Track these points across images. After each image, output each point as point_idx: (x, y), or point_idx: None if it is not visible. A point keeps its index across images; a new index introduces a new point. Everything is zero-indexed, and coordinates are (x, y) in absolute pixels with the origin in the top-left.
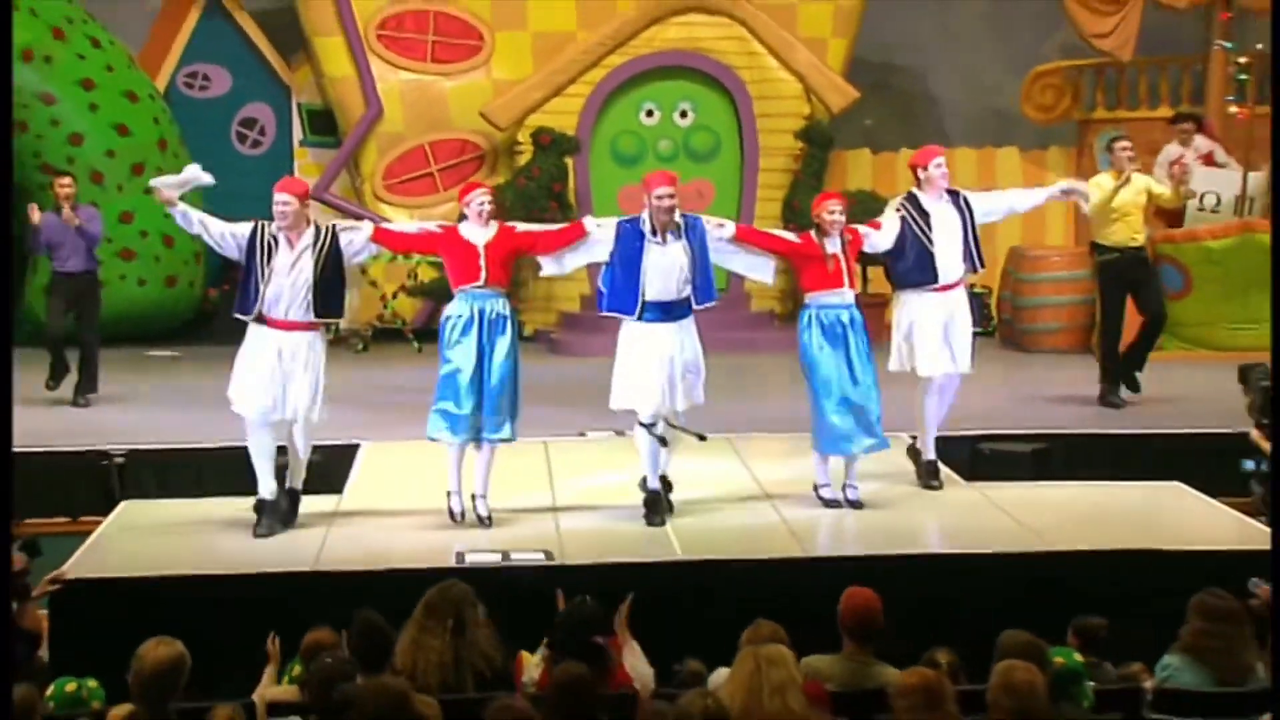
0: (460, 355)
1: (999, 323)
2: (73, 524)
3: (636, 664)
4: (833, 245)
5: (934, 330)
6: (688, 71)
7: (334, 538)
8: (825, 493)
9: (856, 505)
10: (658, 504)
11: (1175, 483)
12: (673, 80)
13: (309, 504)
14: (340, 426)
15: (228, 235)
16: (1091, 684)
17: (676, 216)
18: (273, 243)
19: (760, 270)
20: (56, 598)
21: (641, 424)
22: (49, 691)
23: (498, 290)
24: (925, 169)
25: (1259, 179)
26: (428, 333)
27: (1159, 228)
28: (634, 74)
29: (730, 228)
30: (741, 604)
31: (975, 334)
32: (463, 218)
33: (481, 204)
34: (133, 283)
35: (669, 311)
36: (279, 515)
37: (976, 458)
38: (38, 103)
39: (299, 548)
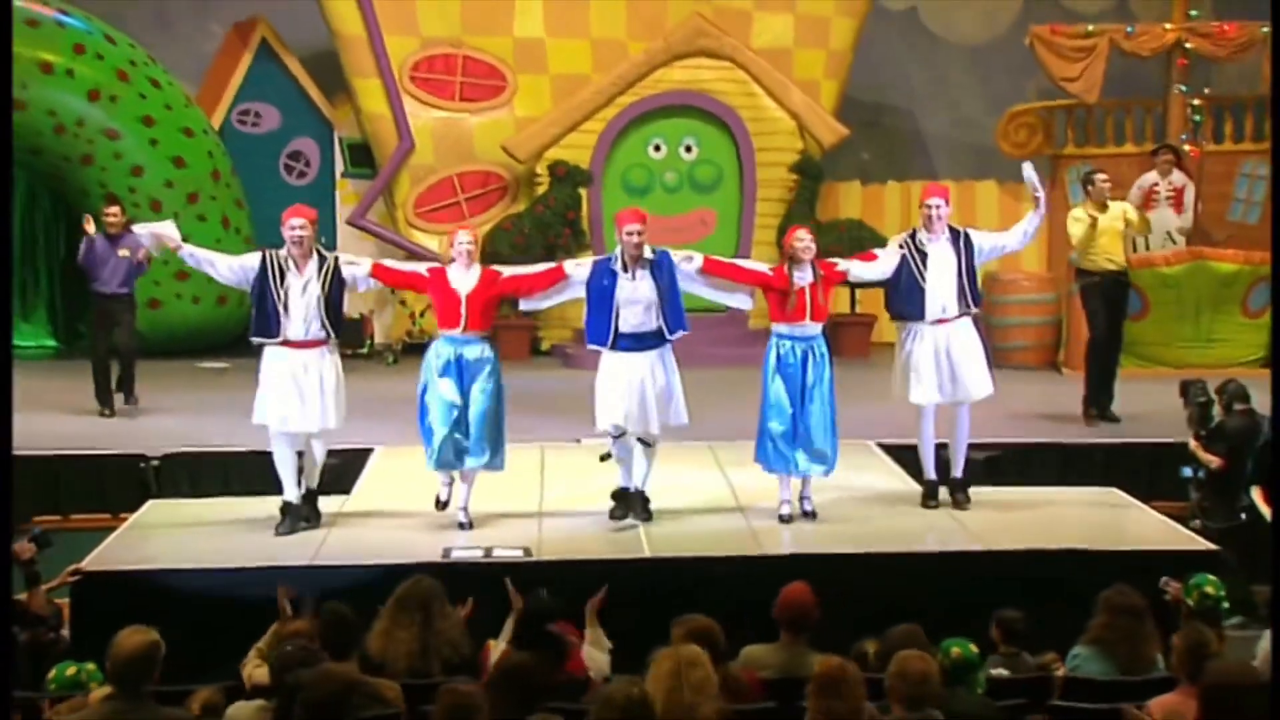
0: (440, 393)
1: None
2: (111, 520)
3: (594, 652)
4: (801, 278)
5: (927, 362)
6: (692, 110)
7: (335, 536)
8: (783, 509)
9: (811, 516)
10: (624, 500)
11: (1112, 488)
12: (678, 118)
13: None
14: (362, 431)
15: (235, 267)
16: (1005, 672)
17: (646, 252)
18: (283, 268)
19: (736, 299)
20: (76, 588)
21: (613, 439)
22: (51, 674)
23: (478, 335)
24: (922, 207)
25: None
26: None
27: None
28: (643, 112)
29: (698, 260)
30: (701, 597)
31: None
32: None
33: (462, 246)
34: (187, 301)
35: (641, 341)
36: (300, 516)
37: (935, 464)
38: (103, 138)
39: (301, 544)
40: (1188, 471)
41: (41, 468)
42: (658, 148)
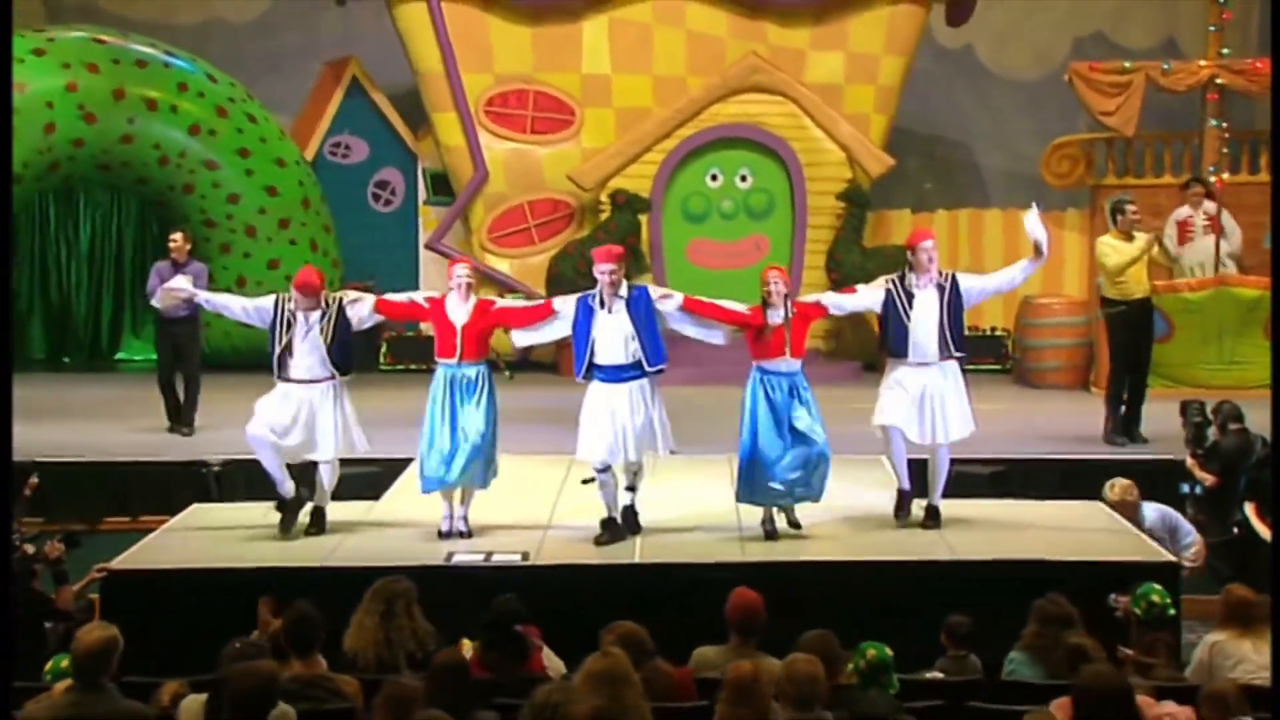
0: (437, 420)
1: (1013, 362)
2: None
3: (553, 656)
4: (775, 317)
5: (902, 393)
6: (747, 142)
7: (350, 541)
8: (767, 526)
9: (795, 525)
10: (609, 528)
11: (1095, 502)
12: (734, 149)
13: (347, 508)
14: (407, 441)
15: (250, 309)
16: (940, 675)
17: (621, 290)
18: (291, 317)
19: (713, 336)
20: (104, 585)
21: (597, 471)
22: (48, 666)
23: (473, 363)
24: (913, 252)
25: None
26: (522, 364)
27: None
28: (701, 144)
29: (677, 298)
30: (683, 600)
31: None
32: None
33: (460, 279)
34: None
35: (620, 373)
36: (300, 507)
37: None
38: (203, 168)
39: (315, 547)
40: (1185, 487)
41: (113, 473)
42: (715, 177)
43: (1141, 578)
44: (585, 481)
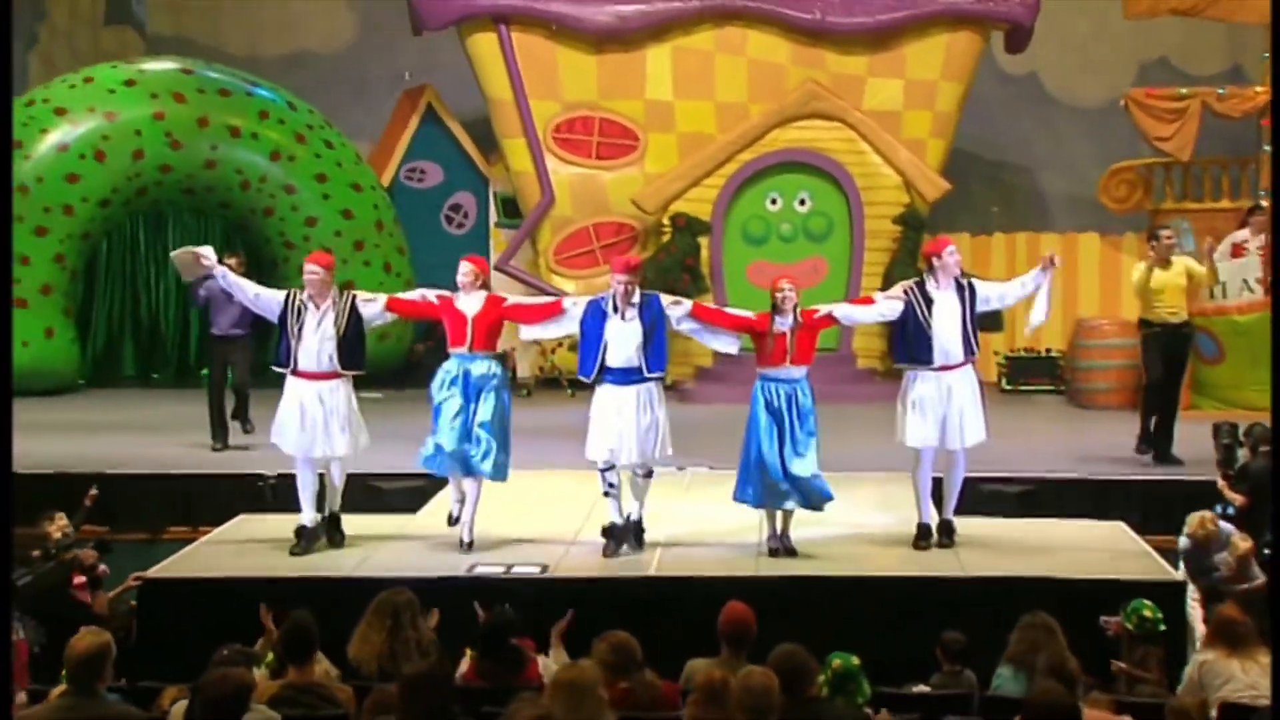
0: (448, 404)
1: (1066, 383)
2: None
3: (550, 665)
4: (782, 324)
5: (929, 407)
6: (806, 166)
7: (381, 551)
8: (770, 543)
9: (791, 552)
10: (614, 534)
11: (1117, 522)
12: (793, 173)
13: (382, 521)
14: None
15: (262, 296)
16: (925, 689)
17: (635, 297)
18: (302, 307)
19: (722, 342)
20: (141, 592)
21: (601, 471)
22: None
23: (484, 354)
24: (940, 257)
25: None
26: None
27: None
28: (761, 168)
29: (686, 305)
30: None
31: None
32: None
33: (463, 277)
34: None
35: (628, 376)
36: (316, 538)
37: (973, 496)
38: (282, 192)
39: (343, 558)
40: (1218, 508)
41: (176, 485)
42: (774, 201)
43: (1144, 597)
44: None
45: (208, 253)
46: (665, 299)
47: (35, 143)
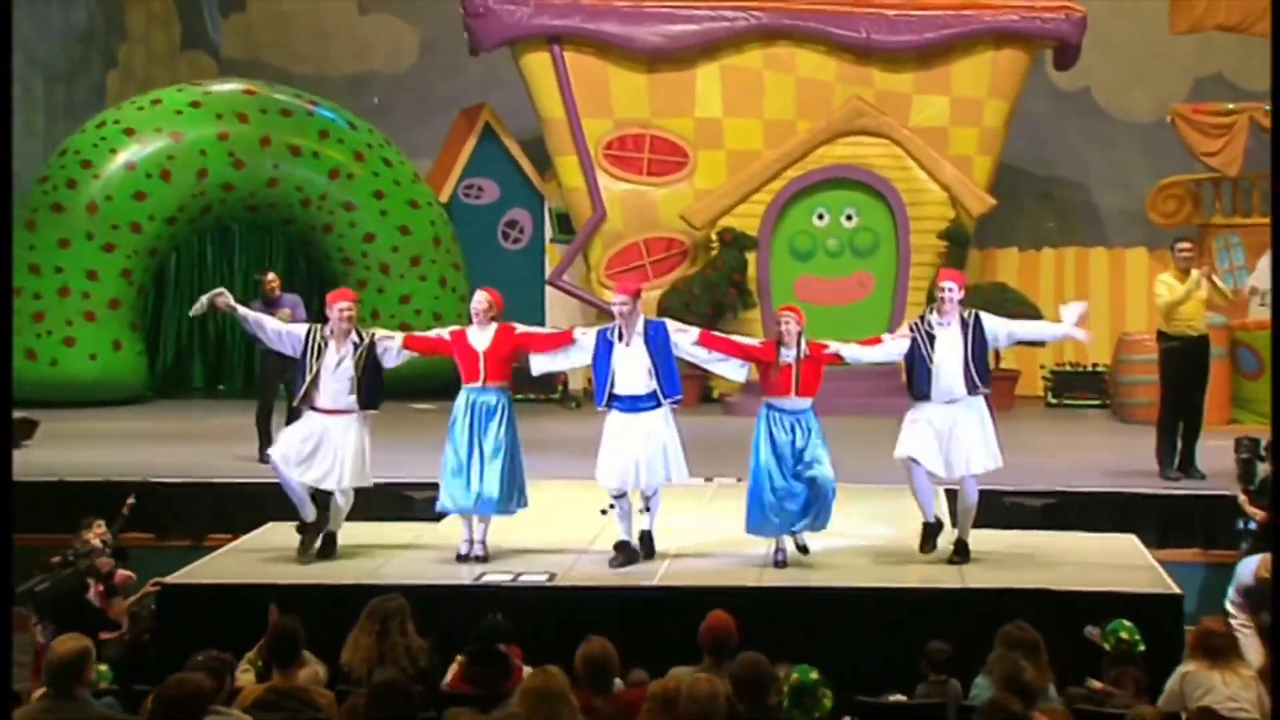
0: (458, 443)
1: (1111, 398)
2: None
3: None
4: (788, 355)
5: (925, 427)
6: (852, 182)
7: (395, 560)
8: (777, 556)
9: (803, 549)
10: (624, 551)
11: (1130, 536)
12: (840, 189)
13: (403, 529)
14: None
15: (283, 334)
16: (903, 698)
17: (638, 325)
18: (322, 344)
19: (729, 369)
20: (159, 597)
21: (613, 497)
22: None
23: (495, 387)
24: (939, 290)
25: None
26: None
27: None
28: (808, 184)
29: (693, 333)
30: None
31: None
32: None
33: (477, 307)
34: None
35: (636, 403)
36: (319, 530)
37: (997, 508)
38: (341, 209)
39: (357, 567)
40: (1241, 523)
41: (219, 493)
42: (821, 216)
43: (1141, 610)
44: (604, 511)
45: (224, 296)
46: (672, 326)
47: (105, 162)
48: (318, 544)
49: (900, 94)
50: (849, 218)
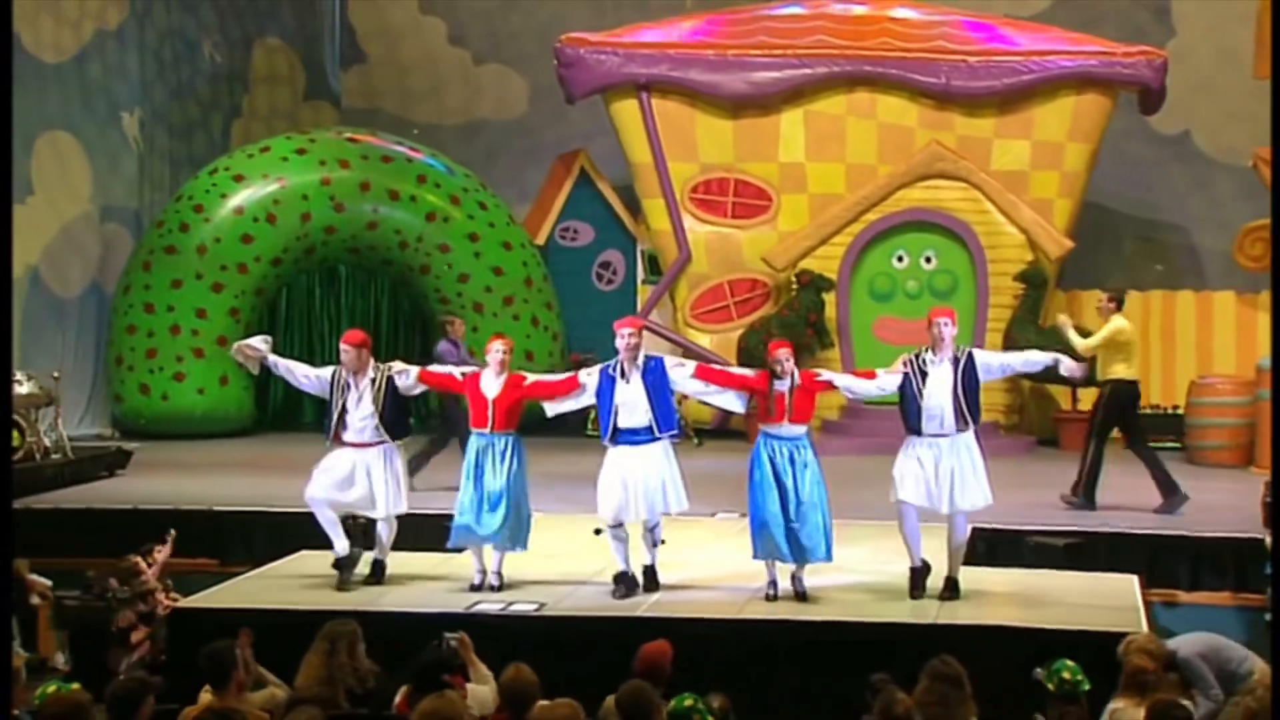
0: (470, 485)
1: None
2: None
3: (477, 689)
4: (781, 386)
5: (916, 466)
6: (931, 225)
7: (400, 589)
8: (769, 590)
9: (802, 596)
10: (623, 581)
11: (1129, 575)
12: (919, 232)
13: (422, 558)
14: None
15: (311, 376)
16: None
17: (639, 358)
18: (346, 384)
19: (726, 401)
20: (169, 620)
21: (610, 526)
22: (36, 691)
23: (503, 433)
24: (930, 328)
25: None
26: (716, 432)
27: None
28: (887, 227)
29: (690, 366)
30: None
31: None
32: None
33: (495, 355)
34: None
35: (637, 436)
36: (354, 563)
37: (1020, 547)
38: (437, 251)
39: (362, 595)
40: (1266, 569)
41: (277, 521)
42: (900, 258)
43: (1106, 649)
44: (597, 531)
45: (256, 343)
46: (669, 361)
47: (215, 207)
48: (364, 571)
49: (981, 139)
50: (928, 260)
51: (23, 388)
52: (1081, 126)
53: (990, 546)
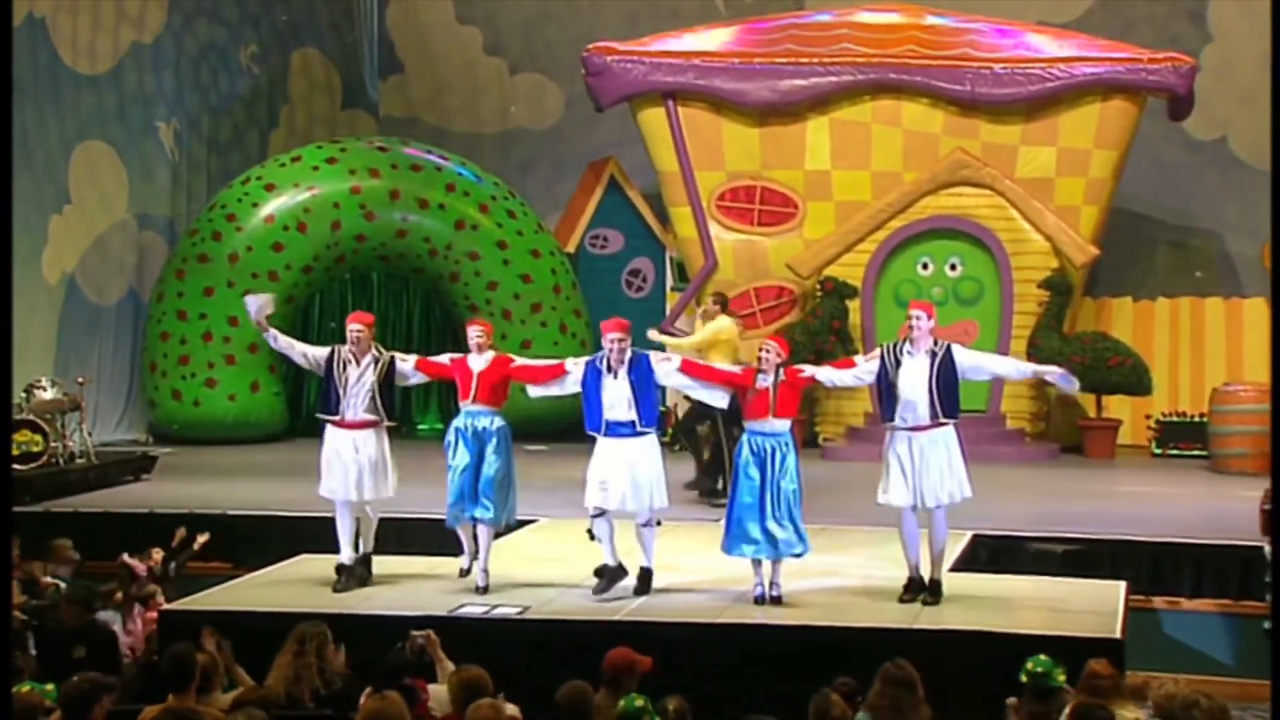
0: (457, 460)
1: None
2: None
3: (440, 692)
4: (764, 381)
5: (897, 466)
6: (956, 232)
7: (389, 591)
8: (757, 591)
9: (777, 600)
10: (605, 574)
11: (1119, 582)
12: (944, 239)
13: (417, 561)
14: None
15: (309, 355)
16: None
17: (625, 357)
18: (346, 361)
19: (712, 395)
20: (160, 621)
21: (592, 516)
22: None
23: (488, 408)
24: (909, 318)
25: None
26: None
27: None
28: (912, 234)
29: (675, 361)
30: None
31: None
32: None
33: (472, 339)
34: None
35: (621, 430)
36: (355, 575)
37: (1020, 553)
38: (466, 259)
39: (352, 597)
40: (1269, 576)
41: (293, 525)
42: (925, 265)
43: (1079, 653)
44: (590, 534)
45: (265, 308)
46: (655, 358)
47: (248, 216)
48: (355, 573)
49: (1006, 146)
50: (953, 267)
51: (47, 393)
52: (1107, 133)
53: (993, 553)
